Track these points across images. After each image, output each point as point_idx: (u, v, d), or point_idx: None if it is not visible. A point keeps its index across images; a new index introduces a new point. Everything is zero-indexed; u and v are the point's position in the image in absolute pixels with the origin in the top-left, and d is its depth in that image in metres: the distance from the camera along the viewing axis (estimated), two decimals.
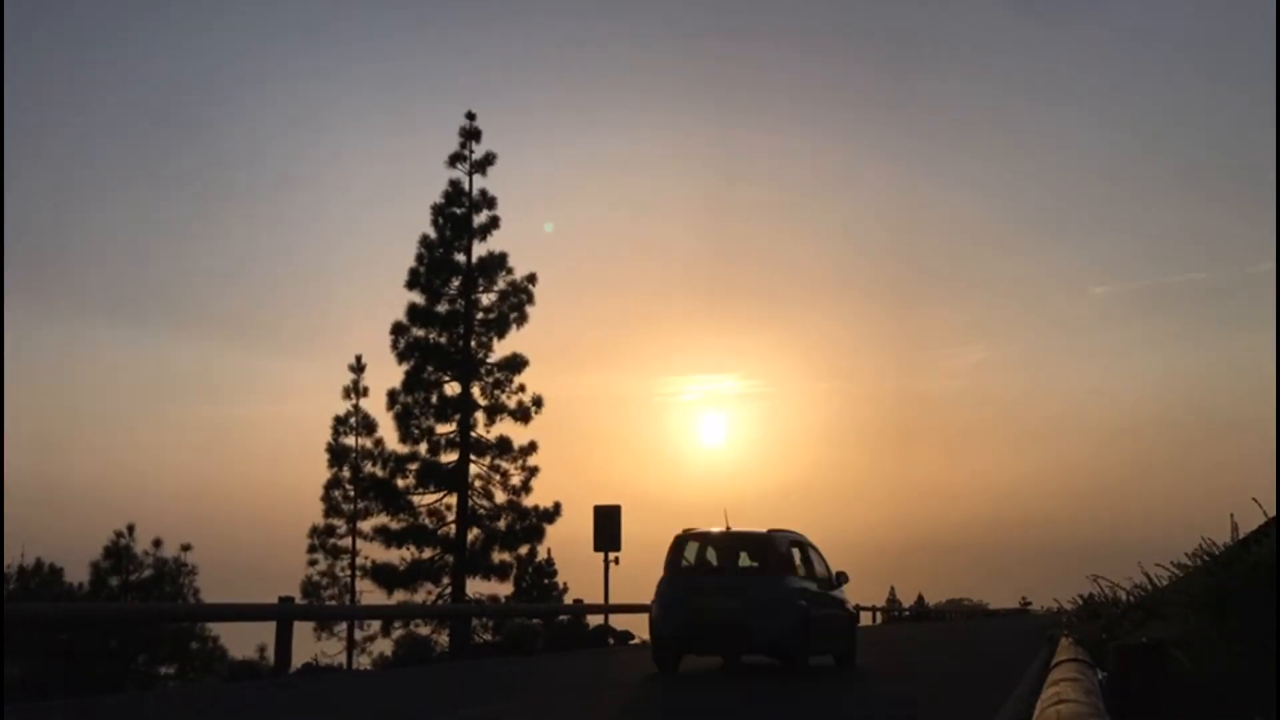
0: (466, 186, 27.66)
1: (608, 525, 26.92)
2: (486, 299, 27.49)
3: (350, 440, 32.25)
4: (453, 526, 26.52)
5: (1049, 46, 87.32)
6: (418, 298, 27.03)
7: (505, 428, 26.93)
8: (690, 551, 14.12)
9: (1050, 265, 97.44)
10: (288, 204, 77.02)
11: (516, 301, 27.38)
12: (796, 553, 14.33)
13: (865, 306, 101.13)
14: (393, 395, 26.73)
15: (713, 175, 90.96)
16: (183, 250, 72.93)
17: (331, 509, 32.06)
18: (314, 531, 32.03)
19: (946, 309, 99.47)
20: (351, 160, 78.04)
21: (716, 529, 14.43)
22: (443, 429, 26.90)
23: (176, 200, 74.10)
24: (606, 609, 26.28)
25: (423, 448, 26.77)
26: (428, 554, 26.66)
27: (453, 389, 27.02)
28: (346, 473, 31.91)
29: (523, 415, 26.90)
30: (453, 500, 26.63)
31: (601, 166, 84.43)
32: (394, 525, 26.51)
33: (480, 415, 26.95)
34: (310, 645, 26.54)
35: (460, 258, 27.43)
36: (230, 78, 74.63)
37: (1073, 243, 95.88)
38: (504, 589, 27.96)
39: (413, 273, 27.12)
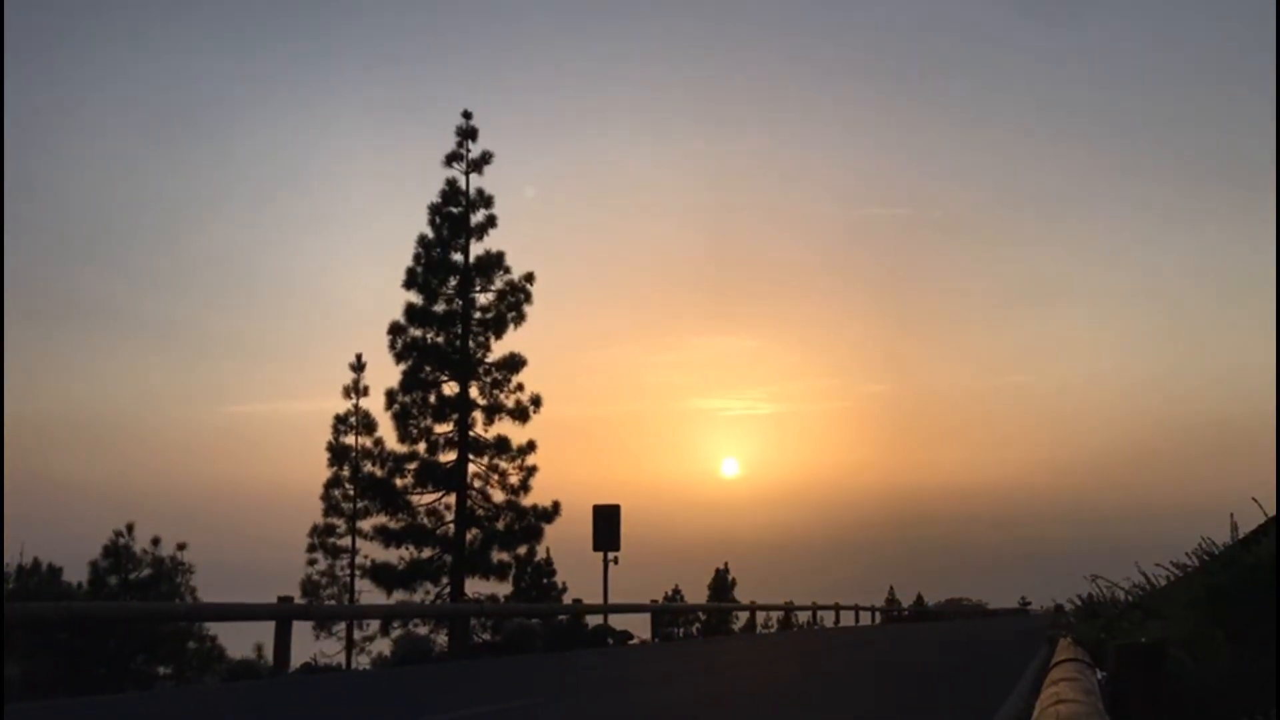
0: (463, 186, 27.65)
1: (607, 525, 26.95)
2: (484, 298, 27.48)
3: (350, 439, 32.27)
4: (451, 526, 26.51)
5: (1051, 47, 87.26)
6: (415, 297, 27.02)
7: (503, 427, 26.94)
8: None
9: (1050, 262, 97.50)
10: (286, 203, 76.94)
11: (514, 301, 27.35)
12: None
13: (866, 305, 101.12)
14: (391, 395, 26.72)
15: (714, 173, 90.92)
16: (182, 249, 72.87)
17: (331, 508, 32.08)
18: (314, 531, 32.07)
19: (946, 308, 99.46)
20: (349, 159, 77.98)
21: None
22: (441, 429, 26.89)
23: (175, 199, 74.01)
24: (606, 609, 26.30)
25: (421, 447, 26.75)
26: (427, 553, 26.64)
27: (451, 389, 27.00)
28: (346, 472, 31.91)
29: (521, 415, 26.88)
30: (451, 500, 26.62)
31: (601, 165, 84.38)
32: (393, 525, 26.49)
33: (479, 415, 26.93)
34: (309, 645, 26.53)
35: (458, 257, 27.41)
36: (228, 77, 74.56)
37: (1074, 240, 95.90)
38: (503, 589, 27.97)
39: (410, 272, 27.10)
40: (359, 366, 32.76)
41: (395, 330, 26.87)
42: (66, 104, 67.00)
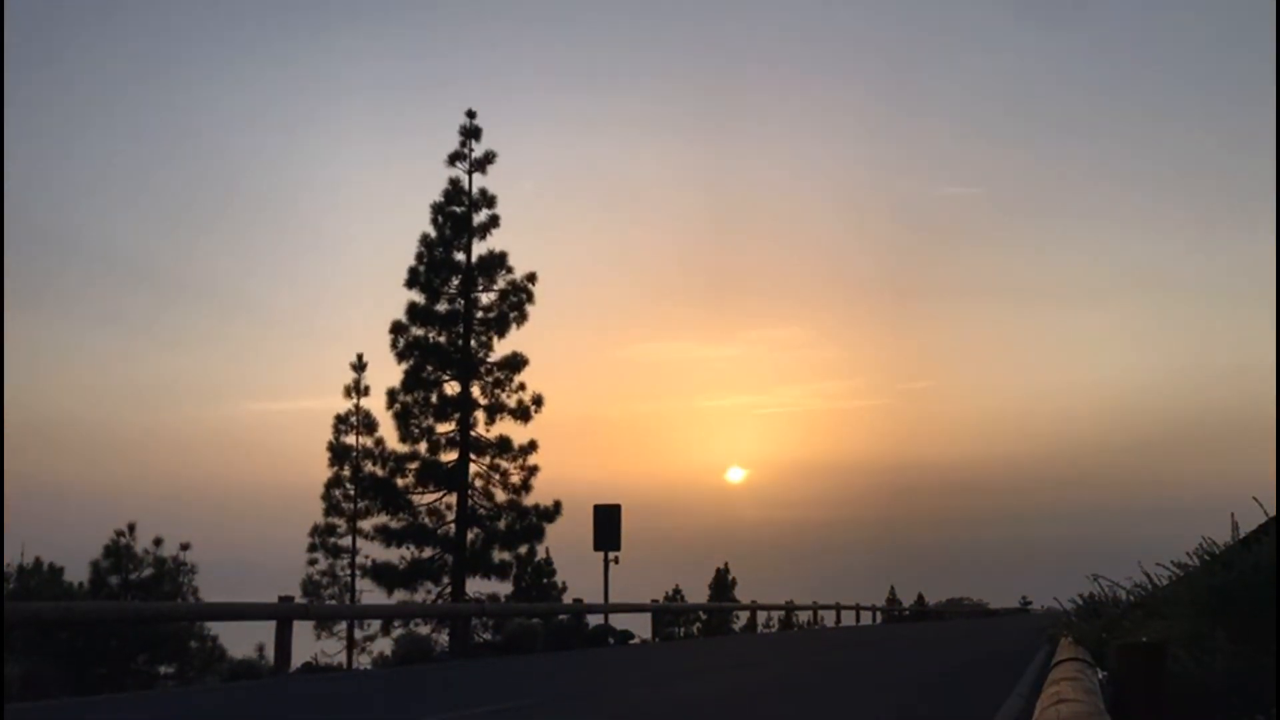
0: (466, 185, 27.67)
1: (608, 525, 26.96)
2: (486, 298, 27.50)
3: (351, 439, 32.27)
4: (452, 526, 26.53)
5: (1048, 50, 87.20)
6: (417, 296, 27.03)
7: (505, 427, 26.96)
8: None
9: (1051, 258, 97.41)
10: (287, 203, 76.98)
11: (516, 300, 27.37)
12: None
13: (865, 303, 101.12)
14: (392, 394, 26.74)
15: (714, 171, 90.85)
16: (182, 249, 72.94)
17: (332, 508, 32.08)
18: (314, 530, 32.07)
19: (944, 306, 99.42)
20: (351, 158, 77.99)
21: None
22: (442, 428, 26.90)
23: (176, 200, 74.08)
24: (606, 608, 26.31)
25: (422, 447, 26.76)
26: (428, 553, 26.66)
27: (452, 388, 27.01)
28: (347, 472, 31.93)
29: (523, 414, 26.89)
30: (452, 499, 26.64)
31: (602, 165, 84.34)
32: (394, 524, 26.51)
33: (480, 414, 26.95)
34: (310, 644, 26.56)
35: (460, 256, 27.43)
36: (229, 77, 74.58)
37: (1073, 236, 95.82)
38: (504, 588, 28.00)
39: (412, 271, 27.11)
40: (360, 366, 32.77)
41: (397, 329, 26.89)
42: (67, 106, 67.08)
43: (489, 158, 27.67)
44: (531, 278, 27.46)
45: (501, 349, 27.28)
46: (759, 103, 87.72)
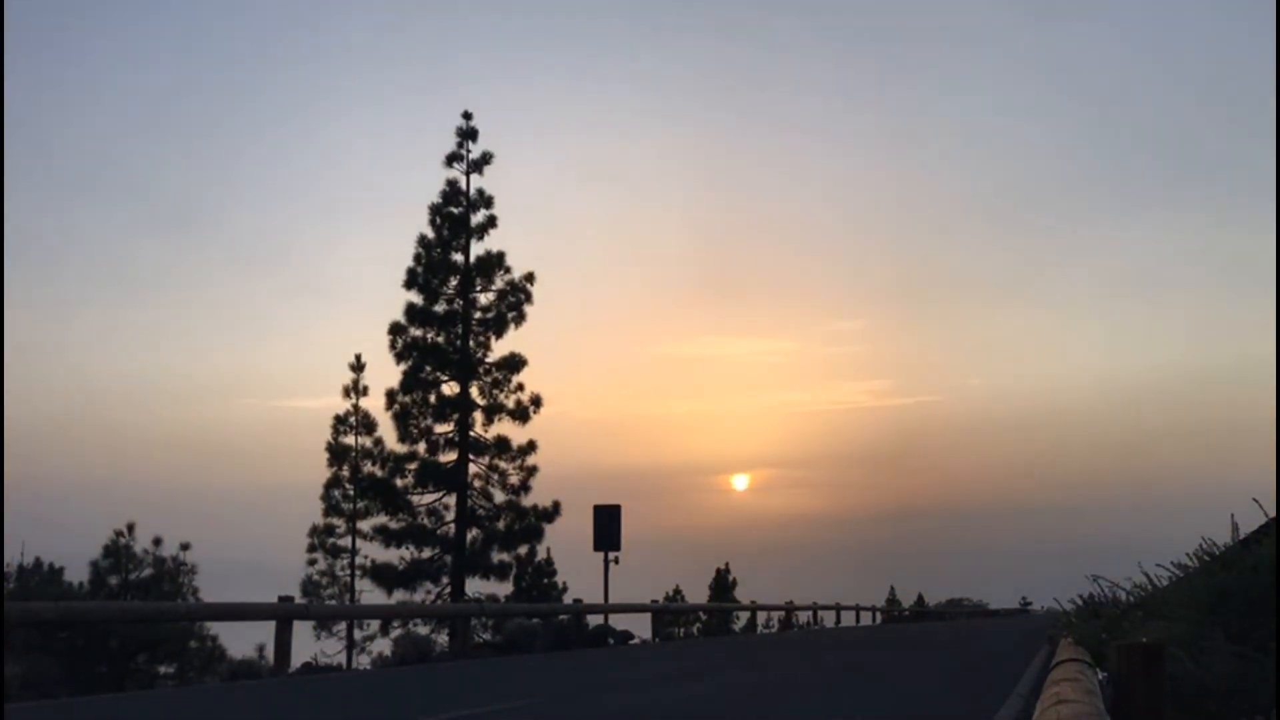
0: (464, 186, 27.67)
1: (608, 525, 26.95)
2: (484, 298, 27.51)
3: (350, 439, 32.26)
4: (452, 526, 26.54)
5: (1049, 38, 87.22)
6: (415, 297, 27.05)
7: (504, 427, 26.97)
8: None
9: (1051, 256, 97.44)
10: (287, 202, 77.04)
11: (515, 301, 27.38)
12: None
13: (866, 301, 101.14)
14: (391, 395, 26.75)
15: (714, 171, 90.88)
16: (183, 249, 72.95)
17: (331, 508, 32.07)
18: (314, 531, 32.05)
19: (944, 304, 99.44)
20: (351, 159, 78.01)
21: None
22: (441, 429, 26.91)
23: (175, 199, 74.09)
24: (606, 609, 26.30)
25: (421, 447, 26.78)
26: (427, 554, 26.67)
27: (451, 389, 27.02)
28: (346, 472, 31.91)
29: (521, 415, 26.90)
30: (451, 500, 26.66)
31: (601, 165, 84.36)
32: (393, 525, 26.53)
33: (479, 415, 26.96)
34: (310, 645, 26.53)
35: (458, 257, 27.44)
36: (227, 76, 74.65)
37: (1072, 233, 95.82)
38: (503, 589, 28.01)
39: (410, 272, 27.13)
40: (359, 366, 32.74)
41: (395, 330, 26.90)
42: (66, 101, 67.04)
43: (486, 158, 27.70)
44: (530, 278, 27.49)
45: (500, 349, 27.34)
46: (776, 99, 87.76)
